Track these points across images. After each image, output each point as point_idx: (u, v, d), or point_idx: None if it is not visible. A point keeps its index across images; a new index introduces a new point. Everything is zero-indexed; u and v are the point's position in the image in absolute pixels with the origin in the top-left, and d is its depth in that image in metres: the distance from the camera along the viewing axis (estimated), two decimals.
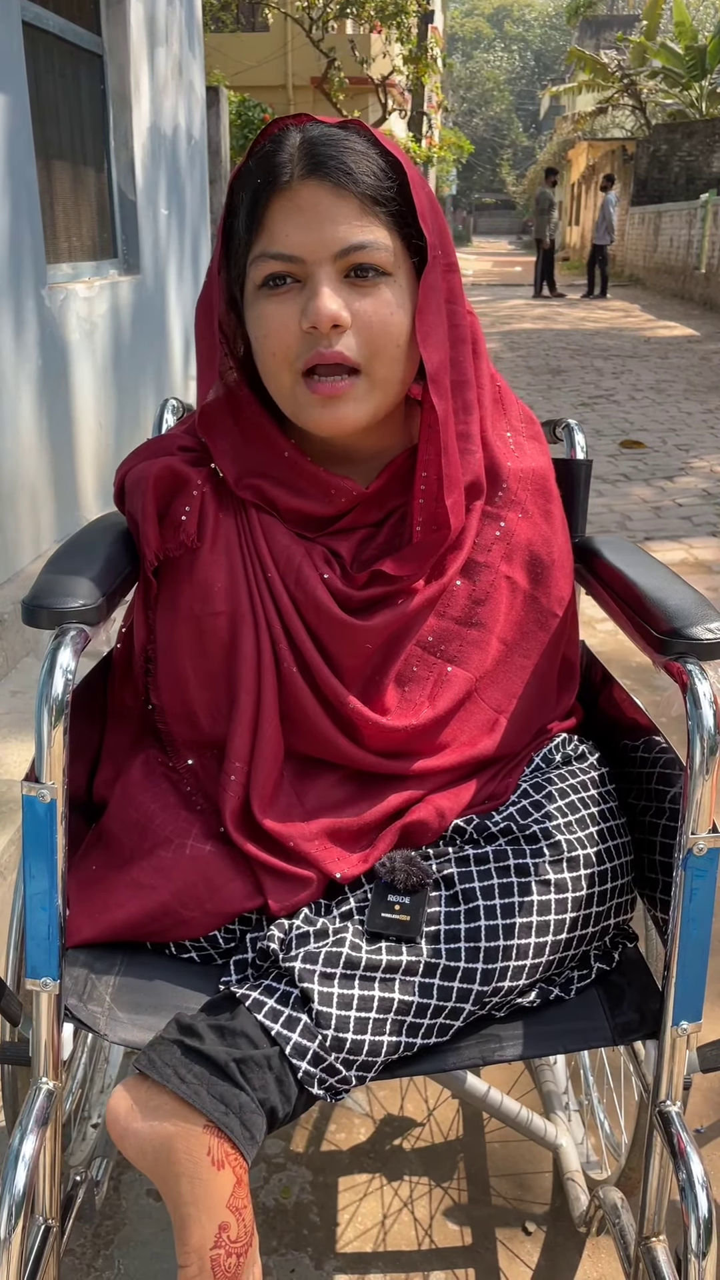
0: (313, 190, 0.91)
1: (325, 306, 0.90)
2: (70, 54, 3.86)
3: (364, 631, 1.01)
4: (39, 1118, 0.88)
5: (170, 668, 1.05)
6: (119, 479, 1.07)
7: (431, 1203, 1.38)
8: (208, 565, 1.02)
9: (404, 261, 0.95)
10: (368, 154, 0.92)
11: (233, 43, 14.57)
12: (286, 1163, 1.44)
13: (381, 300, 0.93)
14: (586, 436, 1.39)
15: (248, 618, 1.02)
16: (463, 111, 61.83)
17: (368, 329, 0.93)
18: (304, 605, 1.02)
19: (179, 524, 1.02)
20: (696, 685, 0.88)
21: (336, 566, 1.03)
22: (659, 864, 1.02)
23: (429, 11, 16.12)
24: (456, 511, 1.01)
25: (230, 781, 1.01)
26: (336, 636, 1.02)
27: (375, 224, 0.92)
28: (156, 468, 1.02)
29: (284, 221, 0.92)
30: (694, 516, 4.42)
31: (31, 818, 0.86)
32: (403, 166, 0.94)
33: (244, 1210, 0.84)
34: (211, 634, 1.03)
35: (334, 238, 0.91)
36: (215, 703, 1.04)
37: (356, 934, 0.94)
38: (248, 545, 1.03)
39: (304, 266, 0.92)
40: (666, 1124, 0.92)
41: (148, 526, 1.02)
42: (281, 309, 0.93)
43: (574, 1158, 1.38)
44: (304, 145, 0.91)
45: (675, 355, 9.37)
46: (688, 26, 18.90)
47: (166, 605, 1.05)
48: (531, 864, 0.98)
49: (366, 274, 0.92)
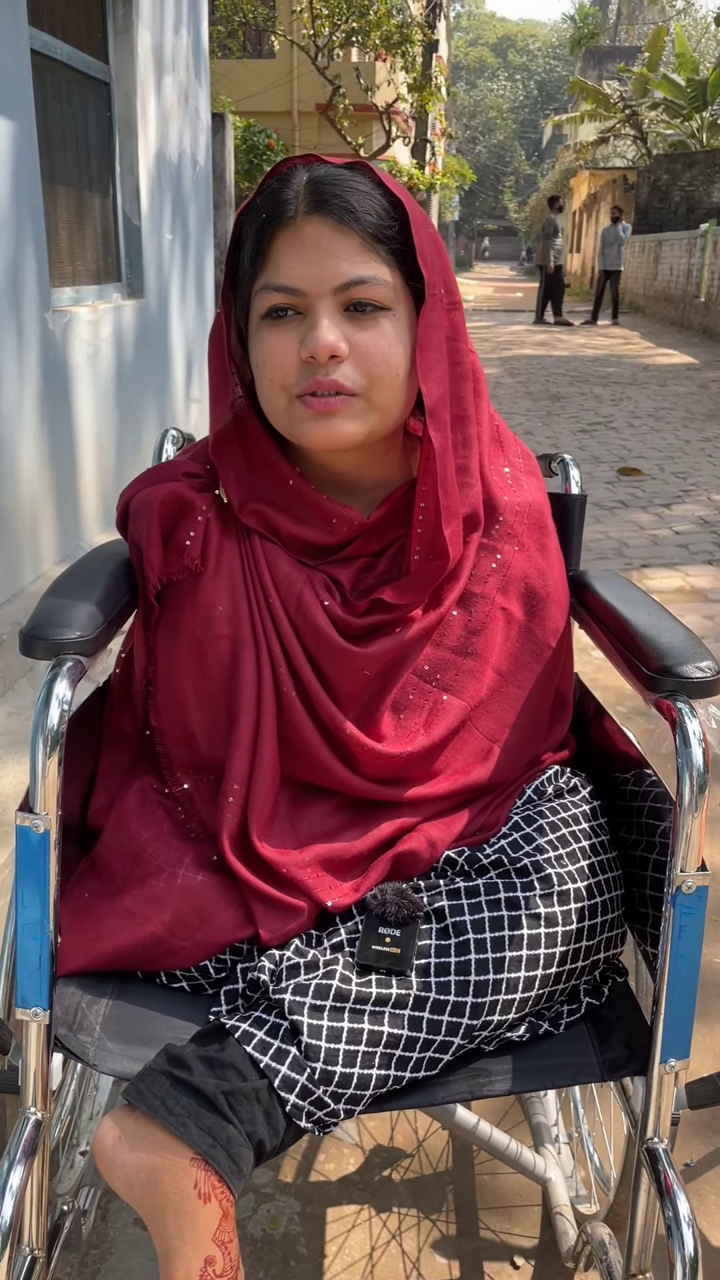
0: (316, 226, 0.93)
1: (324, 337, 0.93)
2: (78, 81, 3.91)
3: (362, 658, 1.03)
4: (27, 1148, 0.88)
5: (170, 690, 1.06)
6: (123, 504, 1.08)
7: (420, 1235, 1.38)
8: (210, 589, 1.04)
9: (404, 298, 0.97)
10: (371, 194, 0.95)
11: (239, 69, 14.72)
12: (275, 1193, 1.43)
13: (380, 333, 0.95)
14: (585, 463, 1.41)
15: (249, 642, 1.03)
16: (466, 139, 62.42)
17: (366, 359, 0.95)
18: (304, 631, 1.03)
19: (183, 548, 1.04)
20: (686, 723, 0.89)
21: (337, 594, 1.05)
22: (649, 898, 1.03)
23: (434, 40, 16.31)
24: (455, 542, 1.02)
25: (228, 803, 1.02)
26: (335, 663, 1.03)
27: (376, 260, 0.94)
28: (162, 493, 1.04)
29: (287, 255, 0.94)
30: (691, 544, 4.44)
31: (25, 847, 0.87)
32: (405, 206, 0.97)
33: (230, 1244, 0.83)
34: (213, 657, 1.04)
35: (335, 272, 0.93)
36: (214, 725, 1.05)
37: (347, 966, 0.94)
38: (250, 571, 1.05)
39: (305, 299, 0.94)
40: (654, 1161, 0.92)
41: (152, 550, 1.03)
42: (282, 338, 0.95)
43: (563, 1191, 1.37)
44: (310, 183, 0.94)
45: (674, 383, 9.43)
46: (689, 59, 19.13)
47: (168, 628, 1.06)
48: (522, 897, 0.98)
49: (365, 309, 0.95)
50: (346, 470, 1.05)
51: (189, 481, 1.07)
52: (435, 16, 17.90)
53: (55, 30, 3.63)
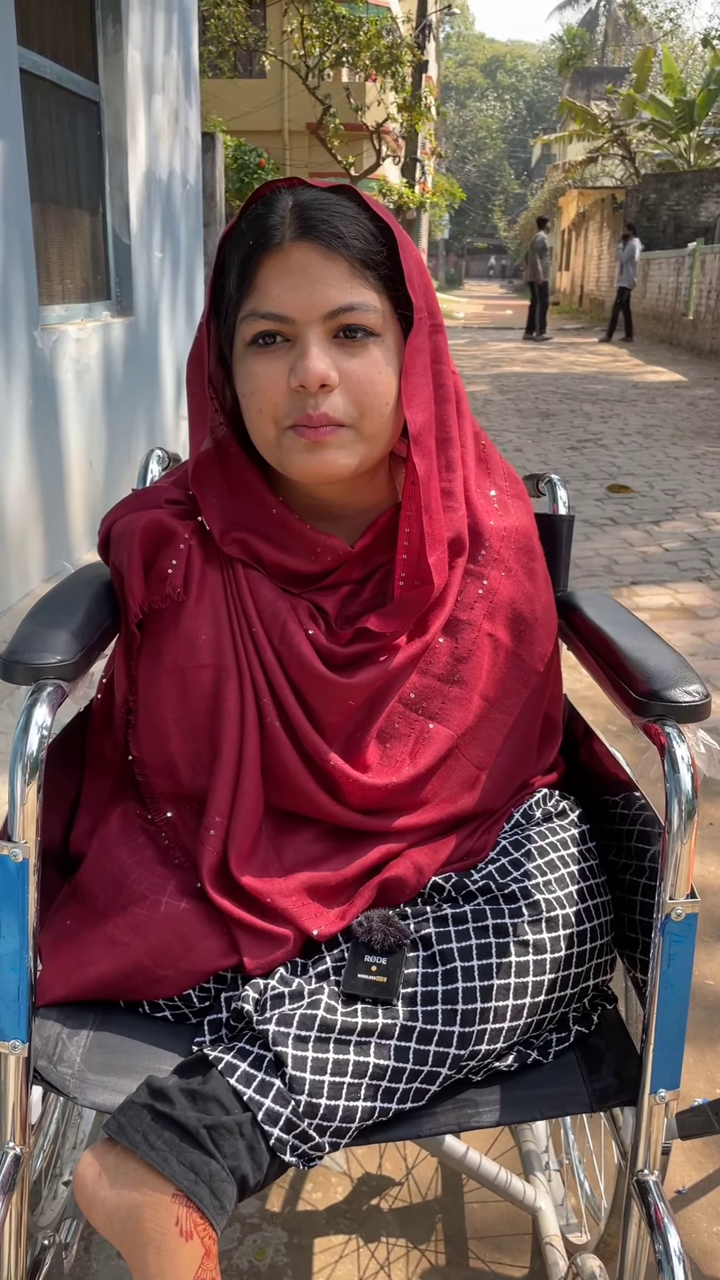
0: (304, 252, 0.92)
1: (314, 366, 0.91)
2: (67, 100, 3.92)
3: (347, 688, 1.01)
4: (5, 1184, 0.87)
5: (151, 719, 1.05)
6: (104, 530, 1.06)
7: (409, 1265, 1.36)
8: (193, 618, 1.02)
9: (392, 323, 0.96)
10: (358, 218, 0.94)
11: (230, 89, 14.82)
12: (262, 1223, 1.41)
13: (370, 360, 0.94)
14: (574, 480, 1.40)
15: (232, 671, 1.02)
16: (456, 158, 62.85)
17: (356, 388, 0.94)
18: (288, 660, 1.02)
19: (165, 577, 1.02)
20: (675, 748, 0.88)
21: (321, 622, 1.03)
22: (639, 924, 1.02)
23: (423, 61, 16.45)
24: (439, 569, 1.01)
25: (209, 836, 1.00)
26: (319, 692, 1.02)
27: (365, 286, 0.93)
28: (143, 520, 1.02)
29: (275, 282, 0.92)
30: (680, 561, 4.44)
31: (3, 876, 0.85)
32: (392, 230, 0.96)
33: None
34: (195, 687, 1.02)
35: (324, 299, 0.92)
36: (196, 755, 1.04)
37: (332, 995, 0.93)
38: (233, 599, 1.03)
39: (294, 326, 0.93)
40: (644, 1193, 0.90)
41: (133, 579, 1.02)
42: (270, 367, 0.94)
43: (553, 1221, 1.35)
44: (296, 208, 0.93)
45: (663, 400, 9.48)
46: (676, 79, 19.33)
47: (150, 657, 1.04)
48: (510, 924, 0.97)
49: (355, 335, 0.93)
50: (331, 498, 1.04)
51: (171, 508, 1.05)
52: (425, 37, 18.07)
53: (45, 50, 3.64)
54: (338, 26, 13.03)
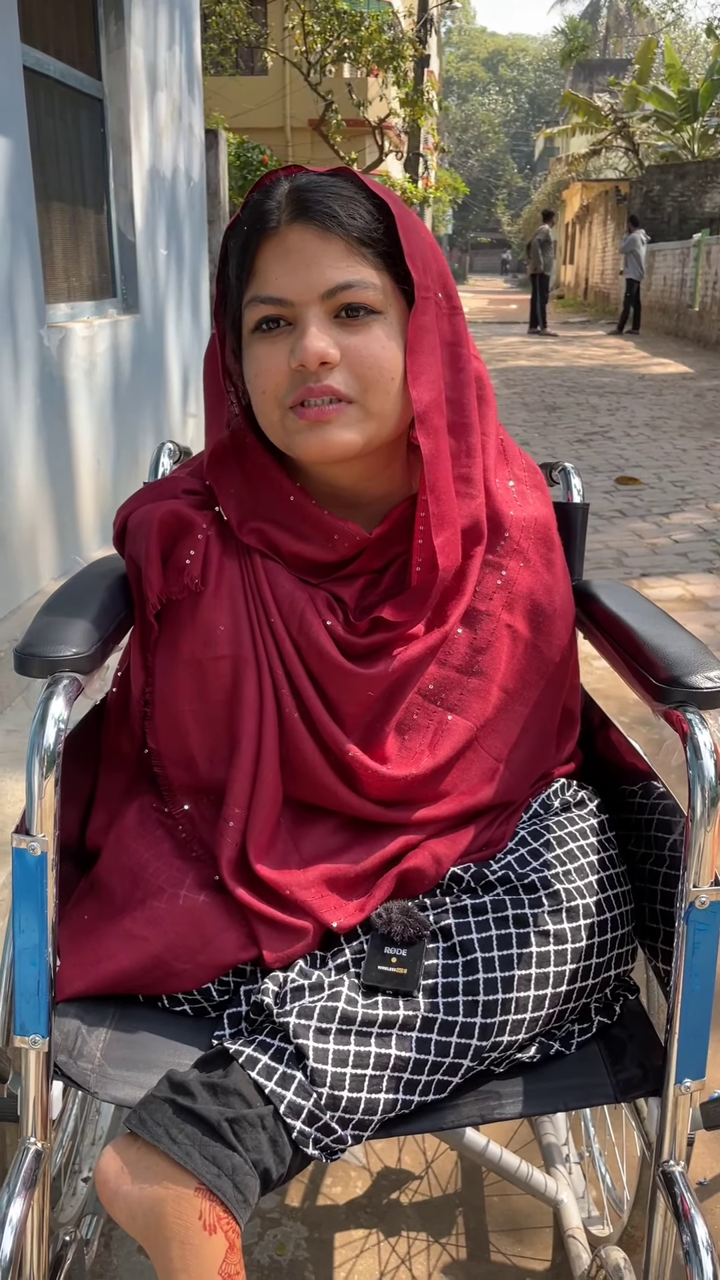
0: (299, 234, 0.92)
1: (312, 345, 0.91)
2: (71, 98, 3.91)
3: (366, 679, 1.00)
4: (26, 1180, 0.86)
5: (169, 712, 1.04)
6: (120, 521, 1.06)
7: (430, 1259, 1.35)
8: (210, 609, 1.02)
9: (396, 301, 0.95)
10: (354, 198, 0.94)
11: (232, 86, 14.79)
12: (282, 1218, 1.41)
13: (372, 336, 0.93)
14: (582, 473, 1.39)
15: (250, 663, 1.01)
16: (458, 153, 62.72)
17: (359, 363, 0.93)
18: (306, 651, 1.01)
19: (183, 567, 1.01)
20: (697, 734, 0.87)
21: (339, 612, 1.03)
22: (660, 913, 1.01)
23: (425, 56, 16.41)
24: (446, 551, 0.99)
25: (228, 828, 1.00)
26: (338, 683, 1.01)
27: (362, 264, 0.93)
28: (161, 511, 1.02)
29: (273, 265, 0.93)
30: (690, 553, 4.42)
31: (22, 870, 0.85)
32: (390, 208, 0.95)
33: (236, 1277, 0.81)
34: (213, 678, 1.01)
35: (320, 279, 0.92)
36: (214, 747, 1.03)
37: (352, 988, 0.92)
38: (251, 590, 1.02)
39: (293, 309, 0.93)
40: (670, 1184, 0.90)
41: (151, 570, 1.01)
42: (272, 350, 0.94)
43: (575, 1214, 1.35)
44: (291, 192, 0.93)
45: (670, 392, 9.44)
46: (679, 70, 19.26)
47: (167, 649, 1.04)
48: (530, 914, 0.96)
49: (357, 313, 0.93)
50: (347, 485, 1.03)
51: (188, 499, 1.05)
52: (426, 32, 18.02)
53: (48, 47, 3.64)
54: (339, 22, 12.99)
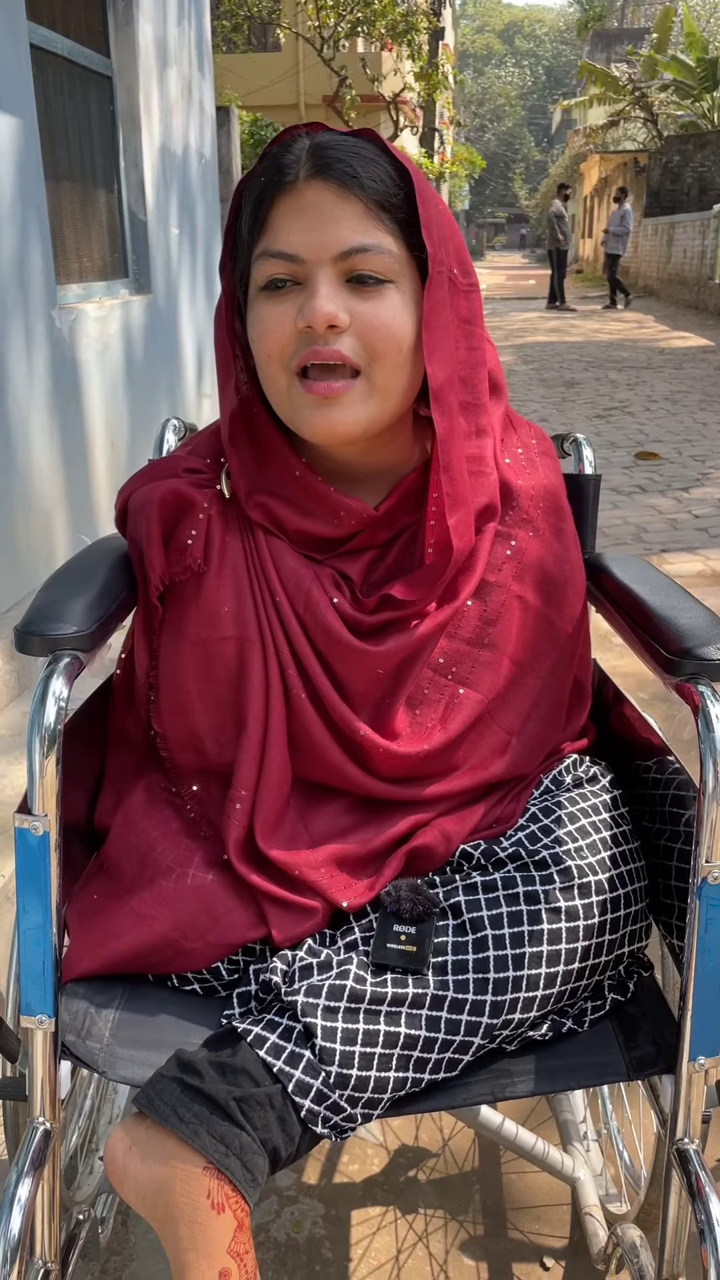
0: (318, 191, 0.89)
1: (321, 306, 0.88)
2: (79, 76, 3.88)
3: (374, 657, 0.99)
4: (35, 1159, 0.86)
5: (174, 694, 1.03)
6: (121, 502, 1.04)
7: (447, 1237, 1.35)
8: (214, 589, 1.00)
9: (410, 271, 0.93)
10: (377, 160, 0.91)
11: (245, 63, 14.66)
12: (299, 1195, 1.41)
13: (384, 304, 0.91)
14: (601, 448, 1.37)
15: (256, 643, 1.00)
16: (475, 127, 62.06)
17: (369, 330, 0.90)
18: (313, 630, 0.99)
19: (185, 548, 1.00)
20: (709, 707, 0.85)
21: (346, 590, 1.01)
22: (674, 889, 0.99)
23: (439, 29, 16.21)
24: (460, 532, 0.98)
25: (234, 810, 0.99)
26: (347, 662, 0.99)
27: (379, 229, 0.90)
28: (161, 490, 1.00)
29: (287, 220, 0.90)
30: (711, 528, 4.37)
31: (24, 850, 0.84)
32: (411, 175, 0.92)
33: (245, 1256, 0.81)
34: (219, 659, 1.00)
35: (336, 239, 0.89)
36: (221, 728, 1.02)
37: (361, 966, 0.91)
38: (255, 569, 1.01)
39: (304, 267, 0.90)
40: (684, 1162, 0.88)
41: (152, 551, 1.00)
42: (278, 308, 0.91)
43: (592, 1191, 1.34)
44: (312, 149, 0.90)
45: (690, 366, 9.33)
46: (698, 38, 18.92)
47: (171, 630, 1.02)
48: (541, 891, 0.95)
49: (368, 281, 0.90)
50: (353, 458, 1.01)
51: (190, 477, 1.03)
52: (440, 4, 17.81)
53: (55, 25, 3.60)
54: None
